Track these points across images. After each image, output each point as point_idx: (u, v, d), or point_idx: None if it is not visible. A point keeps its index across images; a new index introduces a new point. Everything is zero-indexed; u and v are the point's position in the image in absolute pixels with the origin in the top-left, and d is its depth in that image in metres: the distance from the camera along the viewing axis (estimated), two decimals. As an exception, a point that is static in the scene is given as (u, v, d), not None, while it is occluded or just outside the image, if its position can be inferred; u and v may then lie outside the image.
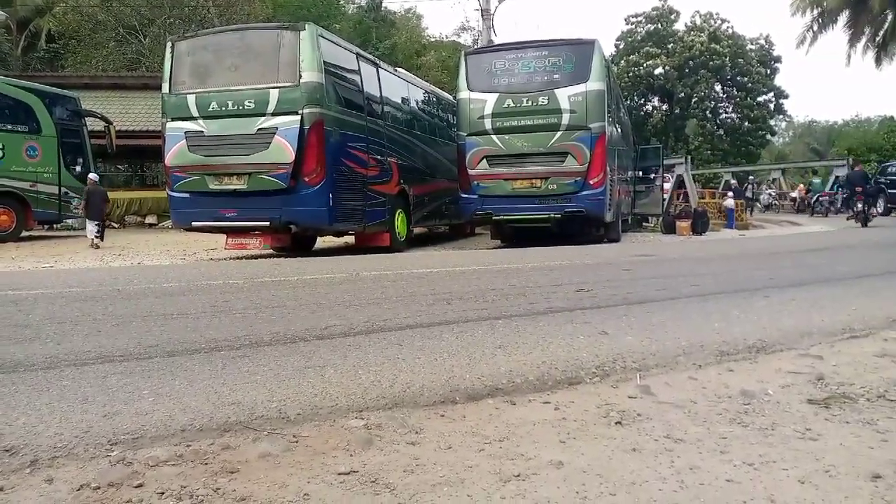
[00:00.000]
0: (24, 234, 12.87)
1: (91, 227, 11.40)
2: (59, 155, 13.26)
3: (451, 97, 13.65)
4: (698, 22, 38.07)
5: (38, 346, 2.92)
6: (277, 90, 8.21)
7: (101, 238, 11.46)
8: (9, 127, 12.42)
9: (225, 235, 9.08)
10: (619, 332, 3.28)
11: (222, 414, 2.04)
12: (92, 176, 12.23)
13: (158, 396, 2.21)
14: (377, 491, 1.56)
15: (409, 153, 10.95)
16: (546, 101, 9.94)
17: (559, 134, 9.87)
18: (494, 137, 10.10)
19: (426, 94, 12.88)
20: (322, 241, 11.02)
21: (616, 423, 2.04)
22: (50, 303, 4.21)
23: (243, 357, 2.77)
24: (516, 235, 11.54)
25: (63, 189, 13.33)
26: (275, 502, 1.50)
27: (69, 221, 14.97)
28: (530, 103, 10.00)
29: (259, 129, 8.19)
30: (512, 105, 10.08)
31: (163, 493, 1.53)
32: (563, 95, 9.89)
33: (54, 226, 14.89)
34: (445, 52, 32.55)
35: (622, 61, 37.46)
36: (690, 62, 36.47)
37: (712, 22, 37.93)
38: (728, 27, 38.01)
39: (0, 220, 12.22)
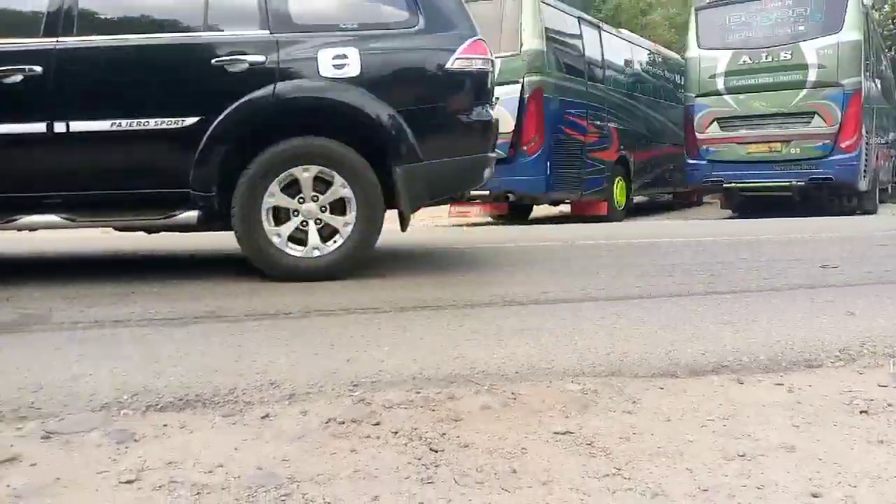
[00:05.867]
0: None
1: None
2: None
3: (678, 57, 12.88)
4: None
5: (293, 297, 3.36)
6: (499, 60, 8.35)
7: None
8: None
9: (448, 204, 9.56)
10: (870, 314, 2.92)
11: (447, 366, 2.20)
12: None
13: (392, 346, 2.43)
14: (593, 454, 1.58)
15: (630, 118, 10.57)
16: (789, 56, 8.97)
17: (804, 92, 8.88)
18: (727, 98, 9.37)
19: (651, 55, 12.29)
20: (538, 210, 11.12)
21: (861, 412, 1.84)
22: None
23: (466, 315, 2.93)
24: (750, 205, 10.66)
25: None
26: (495, 452, 1.59)
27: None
28: (770, 59, 9.10)
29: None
30: (748, 62, 9.25)
31: (396, 433, 1.70)
32: (811, 49, 8.84)
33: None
34: (674, 8, 30.61)
35: (886, 5, 32.29)
36: (982, -1, 30.35)
37: None
38: None
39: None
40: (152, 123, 3.63)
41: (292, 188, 3.72)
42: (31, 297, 3.35)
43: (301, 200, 3.73)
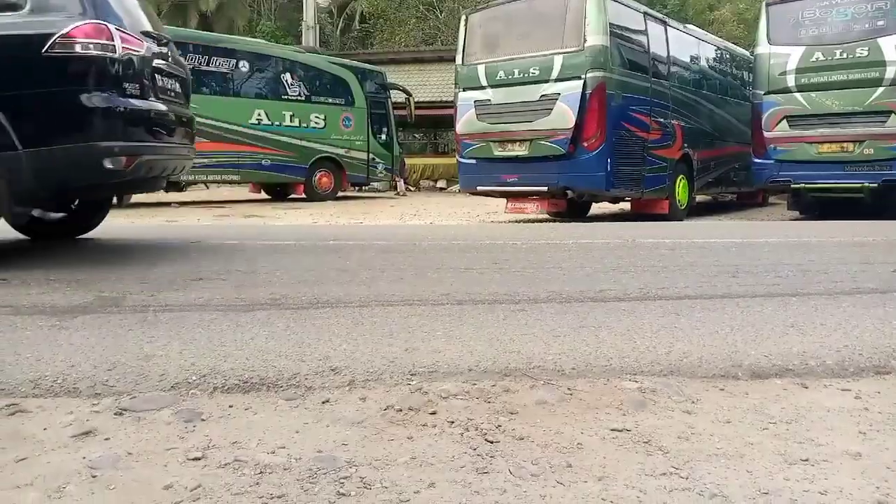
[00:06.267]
0: (339, 194, 14.91)
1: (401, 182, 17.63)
2: (368, 125, 15.04)
3: (746, 53, 12.49)
4: None
5: (354, 288, 3.44)
6: (562, 56, 8.30)
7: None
8: (330, 100, 14.42)
9: (505, 199, 9.54)
10: (948, 321, 2.78)
11: (503, 360, 2.21)
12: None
13: (449, 338, 2.46)
14: (650, 452, 1.57)
15: (695, 115, 10.31)
16: (865, 53, 8.56)
17: (881, 90, 8.46)
18: (798, 96, 9.02)
19: (718, 51, 11.94)
20: (597, 207, 10.98)
21: (935, 422, 1.77)
22: (362, 253, 4.89)
23: (522, 311, 2.93)
24: (819, 207, 10.24)
25: (370, 155, 15.13)
26: (550, 446, 1.60)
27: (374, 184, 17.02)
28: (845, 56, 8.70)
29: (542, 96, 8.39)
30: (821, 58, 8.88)
31: (453, 423, 1.72)
32: (889, 45, 8.41)
33: (363, 188, 17.03)
34: (742, 3, 29.66)
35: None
36: None
37: None
38: None
39: (321, 181, 14.35)
40: None
41: None
42: (106, 281, 3.52)
43: None
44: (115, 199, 5.15)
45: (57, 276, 3.62)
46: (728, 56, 12.28)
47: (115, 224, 4.68)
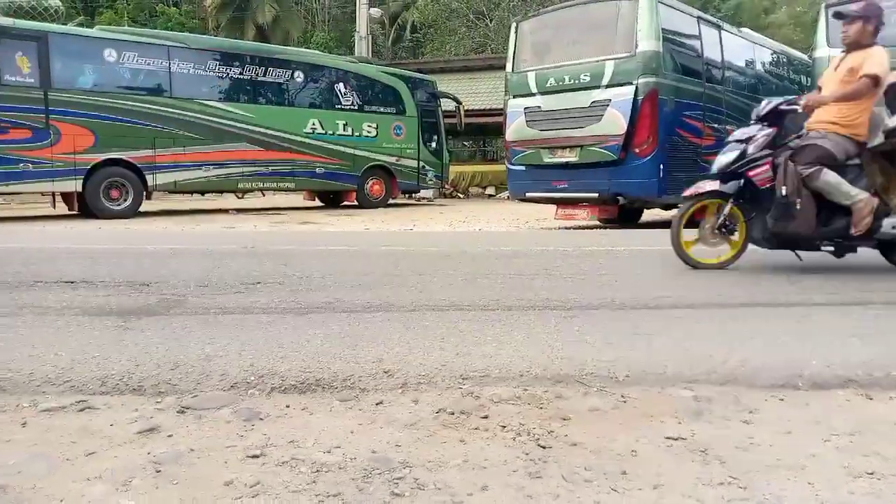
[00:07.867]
0: (390, 201, 15.06)
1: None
2: (418, 133, 15.15)
3: (804, 56, 12.14)
4: None
5: (406, 292, 3.47)
6: (613, 62, 8.22)
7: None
8: (381, 109, 14.58)
9: (555, 206, 9.47)
10: None
11: (555, 366, 2.20)
12: None
13: (500, 343, 2.46)
14: (707, 461, 1.54)
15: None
16: None
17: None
18: (858, 99, 8.70)
19: (774, 55, 11.63)
20: (649, 214, 10.79)
21: None
22: (413, 258, 4.93)
23: (573, 318, 2.91)
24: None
25: (420, 163, 15.24)
26: (603, 452, 1.58)
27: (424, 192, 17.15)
28: (904, 58, 8.37)
29: (593, 102, 8.32)
30: (885, 61, 8.55)
31: (505, 427, 1.72)
32: None
33: (412, 195, 17.17)
34: (800, 6, 28.86)
35: None
36: None
37: None
38: None
39: (373, 189, 14.52)
40: None
41: None
42: (168, 285, 3.64)
43: None
44: None
45: (122, 280, 3.76)
46: (785, 60, 11.95)
47: (175, 230, 4.84)
